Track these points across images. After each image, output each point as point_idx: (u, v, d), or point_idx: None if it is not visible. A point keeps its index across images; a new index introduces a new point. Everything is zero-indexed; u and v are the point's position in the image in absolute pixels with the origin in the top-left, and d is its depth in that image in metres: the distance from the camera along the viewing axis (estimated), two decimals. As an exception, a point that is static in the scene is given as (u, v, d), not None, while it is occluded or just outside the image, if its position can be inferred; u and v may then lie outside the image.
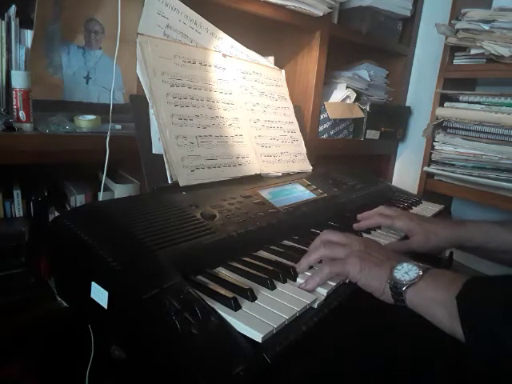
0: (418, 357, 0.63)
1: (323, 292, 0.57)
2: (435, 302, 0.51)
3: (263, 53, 1.11)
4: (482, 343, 0.46)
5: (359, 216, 0.86)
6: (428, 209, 1.10)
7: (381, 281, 0.56)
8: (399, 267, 0.55)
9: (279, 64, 1.20)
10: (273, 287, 0.56)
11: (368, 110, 1.37)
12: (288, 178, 1.00)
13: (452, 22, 1.24)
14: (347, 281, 0.62)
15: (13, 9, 0.78)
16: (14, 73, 0.77)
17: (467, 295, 0.49)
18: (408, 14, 1.41)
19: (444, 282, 0.52)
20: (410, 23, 1.50)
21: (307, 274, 0.62)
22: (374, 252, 0.61)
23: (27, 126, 0.77)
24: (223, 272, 0.61)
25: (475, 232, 0.74)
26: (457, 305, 0.48)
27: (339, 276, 0.60)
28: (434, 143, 1.36)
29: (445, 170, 1.33)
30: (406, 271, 0.55)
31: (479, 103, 1.25)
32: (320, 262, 0.64)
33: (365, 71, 1.39)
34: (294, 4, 1.05)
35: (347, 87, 1.35)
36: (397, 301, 0.54)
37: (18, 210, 0.84)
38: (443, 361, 0.63)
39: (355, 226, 0.84)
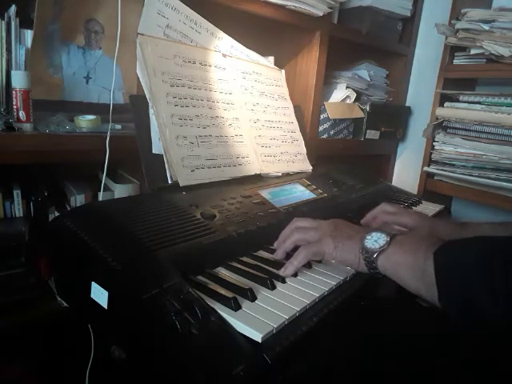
0: (418, 357, 0.63)
1: (323, 291, 0.57)
2: (402, 265, 0.54)
3: (263, 53, 1.11)
4: (456, 297, 0.47)
5: (363, 220, 0.85)
6: (428, 209, 1.10)
7: (355, 252, 0.58)
8: (369, 237, 0.58)
9: (279, 64, 1.20)
10: (273, 287, 0.56)
11: (368, 109, 1.37)
12: (288, 178, 1.00)
13: (452, 21, 1.24)
14: (348, 278, 0.62)
15: (13, 9, 0.78)
16: (14, 73, 0.77)
17: (443, 253, 0.50)
18: (408, 14, 1.41)
19: (410, 246, 0.55)
20: (410, 23, 1.50)
21: (306, 272, 0.62)
22: (345, 229, 0.63)
23: (27, 126, 0.77)
24: (223, 272, 0.61)
25: (475, 234, 0.73)
26: (433, 260, 0.50)
27: (316, 256, 0.62)
28: (434, 143, 1.36)
29: (445, 170, 1.33)
30: (376, 239, 0.57)
31: (479, 103, 1.25)
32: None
33: (365, 71, 1.39)
34: (294, 4, 1.05)
35: (347, 87, 1.35)
36: (370, 269, 0.57)
37: (18, 210, 0.83)
38: (443, 361, 0.63)
39: (362, 221, 0.84)
